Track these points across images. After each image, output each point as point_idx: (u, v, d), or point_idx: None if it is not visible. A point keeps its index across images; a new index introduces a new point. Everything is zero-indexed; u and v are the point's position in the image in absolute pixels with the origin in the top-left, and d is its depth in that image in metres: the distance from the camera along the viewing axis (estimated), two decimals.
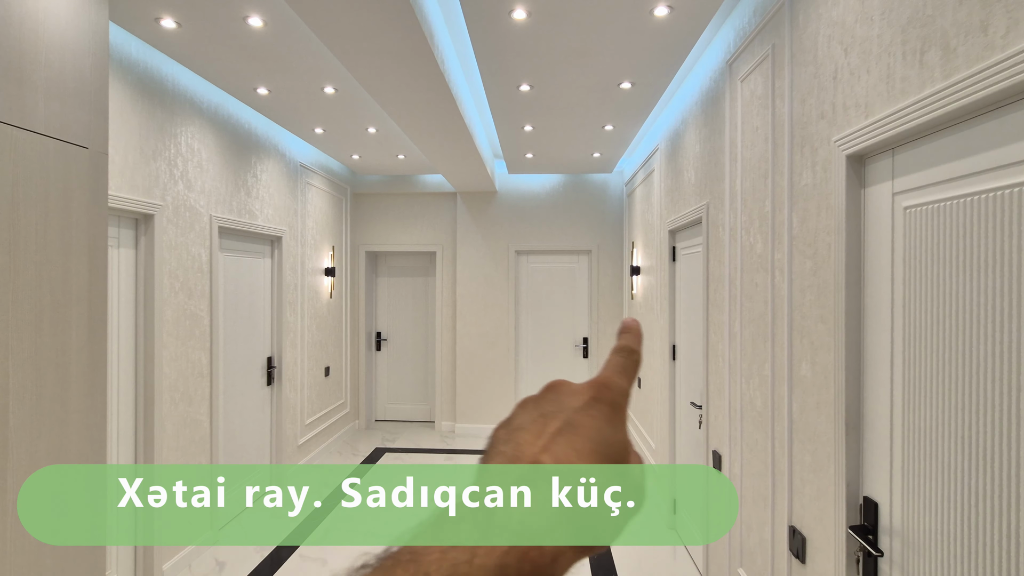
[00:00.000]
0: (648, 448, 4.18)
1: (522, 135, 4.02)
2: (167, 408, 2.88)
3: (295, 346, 4.38)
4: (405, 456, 4.94)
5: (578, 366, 5.66)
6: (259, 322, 3.93)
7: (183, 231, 3.01)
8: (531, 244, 5.65)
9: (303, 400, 4.52)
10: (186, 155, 3.03)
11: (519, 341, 5.72)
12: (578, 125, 3.78)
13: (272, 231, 3.96)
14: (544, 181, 5.62)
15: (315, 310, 4.78)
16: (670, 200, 3.49)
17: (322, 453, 4.90)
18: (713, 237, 2.63)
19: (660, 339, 3.74)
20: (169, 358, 2.89)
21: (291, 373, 4.31)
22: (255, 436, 3.88)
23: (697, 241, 2.99)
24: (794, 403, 1.79)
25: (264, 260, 4.00)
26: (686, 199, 3.11)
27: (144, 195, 2.71)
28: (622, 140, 4.18)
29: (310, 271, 4.67)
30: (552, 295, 5.69)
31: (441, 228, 5.80)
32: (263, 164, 3.86)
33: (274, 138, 4.00)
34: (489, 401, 5.67)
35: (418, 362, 6.06)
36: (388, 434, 5.64)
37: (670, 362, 3.51)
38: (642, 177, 4.43)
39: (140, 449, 2.76)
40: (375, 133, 4.04)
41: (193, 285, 3.10)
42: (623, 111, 3.48)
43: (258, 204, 3.81)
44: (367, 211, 5.84)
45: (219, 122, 3.33)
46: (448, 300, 5.79)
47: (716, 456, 2.56)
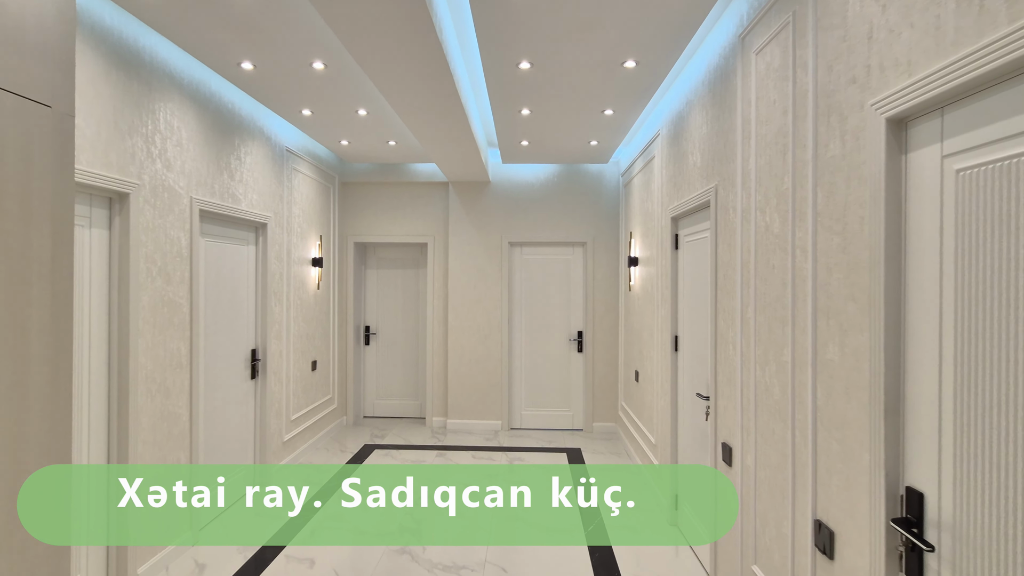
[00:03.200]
0: (647, 443, 4.08)
1: (519, 120, 3.89)
2: (143, 400, 2.70)
3: (280, 338, 4.20)
4: (395, 453, 4.78)
5: (573, 360, 5.55)
6: (243, 312, 3.75)
7: (161, 213, 2.83)
8: (525, 235, 5.52)
9: (289, 395, 4.35)
10: (164, 132, 2.85)
11: (512, 335, 5.59)
12: (577, 109, 3.66)
13: (257, 217, 3.78)
14: (539, 171, 5.49)
15: (302, 301, 4.60)
16: (672, 186, 3.38)
17: (308, 450, 4.72)
18: (722, 220, 2.52)
19: (661, 330, 3.63)
20: (145, 347, 2.72)
21: (276, 366, 4.13)
22: (238, 432, 3.70)
23: (703, 227, 2.88)
24: (819, 389, 1.68)
25: (248, 247, 3.82)
26: (691, 183, 3.00)
27: (119, 172, 2.53)
28: (621, 126, 4.07)
29: (296, 261, 4.49)
30: (546, 288, 5.57)
31: (433, 219, 5.64)
32: (247, 146, 3.68)
33: (259, 120, 3.82)
34: (482, 396, 5.54)
35: (408, 357, 5.90)
36: (377, 430, 5.48)
37: (672, 353, 3.40)
38: (640, 165, 4.32)
39: (113, 444, 2.58)
40: (366, 116, 3.88)
41: (172, 270, 2.92)
42: (625, 93, 3.36)
43: (242, 188, 3.63)
44: (356, 201, 5.66)
45: (201, 99, 3.15)
46: (440, 293, 5.64)
47: (726, 448, 2.45)
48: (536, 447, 4.99)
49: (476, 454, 4.77)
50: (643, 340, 4.23)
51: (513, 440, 5.21)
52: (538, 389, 5.58)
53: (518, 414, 5.59)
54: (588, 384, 5.47)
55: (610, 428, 5.47)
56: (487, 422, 5.53)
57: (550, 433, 5.44)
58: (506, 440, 5.20)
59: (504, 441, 5.17)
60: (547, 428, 5.57)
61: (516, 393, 5.59)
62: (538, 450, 4.91)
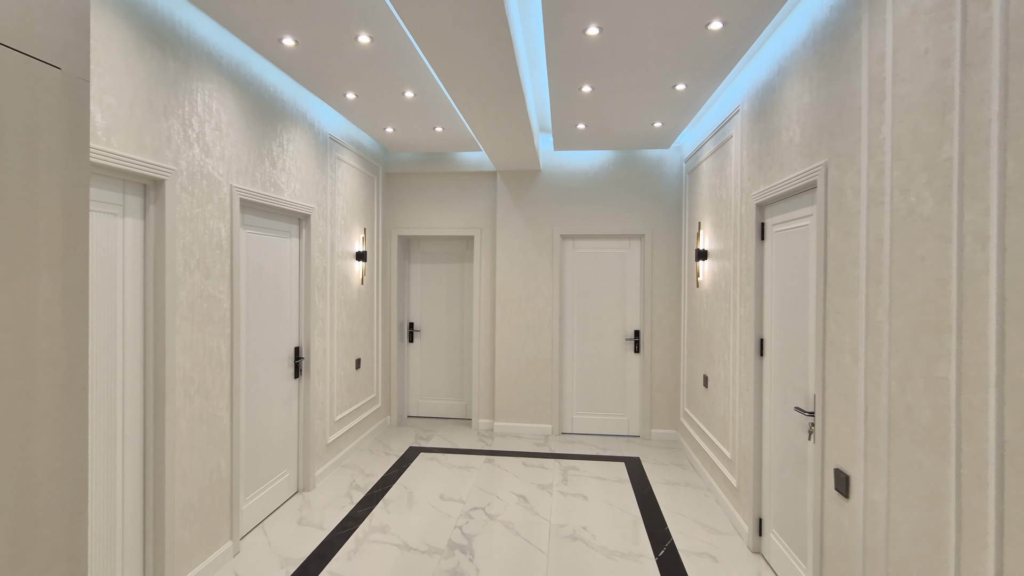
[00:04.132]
0: (719, 457, 3.68)
1: (578, 99, 3.54)
2: (180, 403, 2.52)
3: (324, 336, 4.01)
4: (442, 457, 4.54)
5: (629, 361, 5.17)
6: (285, 308, 3.56)
7: (199, 202, 2.63)
8: (578, 228, 5.16)
9: (332, 395, 4.16)
10: (203, 115, 2.65)
11: (564, 333, 5.25)
12: (645, 84, 3.28)
13: (299, 208, 3.58)
14: (593, 159, 5.13)
15: (345, 297, 4.40)
16: (757, 169, 2.97)
17: (352, 452, 4.54)
18: (835, 204, 2.11)
19: (741, 332, 3.23)
20: (183, 345, 2.53)
21: (320, 365, 3.94)
22: (281, 434, 3.52)
23: (803, 213, 2.47)
24: (1008, 418, 1.29)
25: (290, 240, 3.63)
26: (785, 164, 2.59)
27: (154, 157, 2.34)
28: (692, 104, 3.66)
29: (340, 254, 4.29)
30: (600, 283, 5.21)
31: (479, 210, 5.36)
32: (290, 133, 3.48)
33: (302, 105, 3.62)
34: (531, 398, 5.24)
35: (453, 355, 5.65)
36: (422, 431, 5.26)
37: (756, 359, 3.00)
38: (711, 148, 3.90)
39: (149, 450, 2.41)
40: (412, 99, 3.61)
41: (211, 264, 2.73)
42: (704, 62, 2.97)
43: (284, 177, 3.43)
44: (400, 192, 5.44)
45: (241, 81, 2.95)
46: (487, 288, 5.36)
47: (840, 476, 2.06)
48: (590, 455, 4.65)
49: (527, 461, 4.47)
50: (714, 342, 3.82)
51: (565, 446, 4.88)
52: (591, 392, 5.23)
53: (569, 418, 5.27)
54: (646, 387, 5.08)
55: (670, 436, 5.07)
56: (536, 426, 5.23)
57: (604, 439, 5.09)
58: (557, 446, 4.89)
59: (555, 447, 4.85)
60: (600, 434, 5.22)
61: (567, 396, 5.26)
62: (593, 458, 4.57)
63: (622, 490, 3.88)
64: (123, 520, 2.29)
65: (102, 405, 2.17)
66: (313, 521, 3.33)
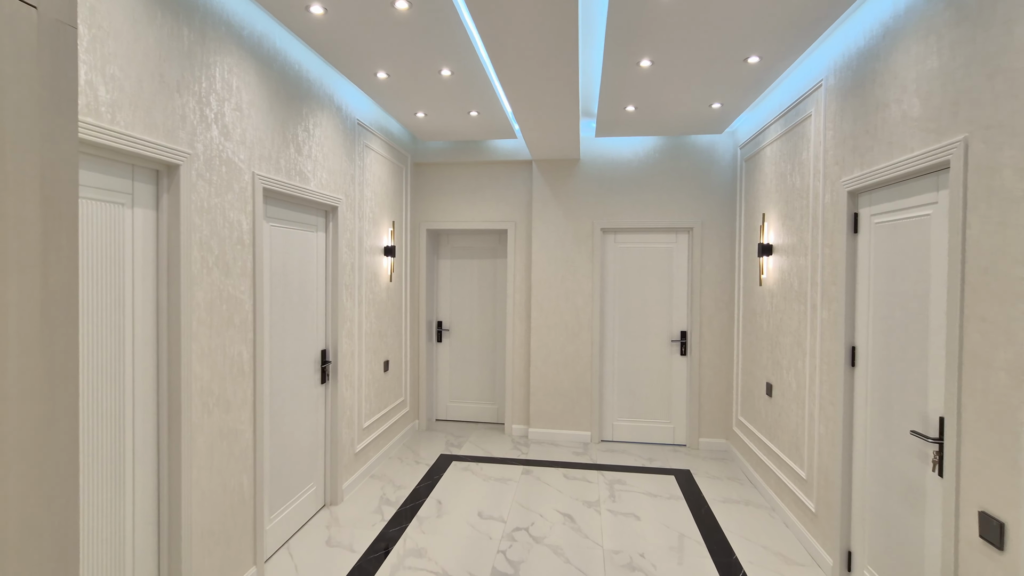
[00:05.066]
0: (789, 475, 3.30)
1: (633, 75, 3.17)
2: (198, 416, 2.24)
3: (352, 337, 3.71)
4: (475, 467, 4.23)
5: (675, 365, 4.80)
6: (312, 308, 3.27)
7: (219, 190, 2.34)
8: (620, 221, 4.79)
9: (361, 400, 3.87)
10: (222, 93, 2.35)
11: (604, 334, 4.90)
12: (714, 56, 2.90)
13: (327, 199, 3.28)
14: (637, 146, 4.74)
15: (374, 295, 4.11)
16: (849, 151, 2.58)
17: (381, 460, 4.25)
18: (982, 188, 1.72)
19: (823, 337, 2.84)
20: (201, 352, 2.24)
21: (348, 368, 3.65)
22: (307, 445, 3.24)
23: (921, 200, 2.08)
24: None
25: (317, 234, 3.33)
26: (895, 143, 2.20)
27: (166, 138, 2.04)
28: (762, 80, 3.26)
29: (368, 250, 3.99)
30: (644, 281, 4.83)
31: (514, 203, 5.02)
32: (316, 117, 3.18)
33: (328, 86, 3.31)
34: (569, 403, 4.90)
35: (485, 356, 5.34)
36: (452, 437, 4.96)
37: (845, 369, 2.61)
38: (778, 131, 3.50)
39: (164, 471, 2.13)
40: (449, 78, 3.28)
41: (231, 260, 2.43)
42: (788, 29, 2.58)
43: (310, 165, 3.13)
44: (429, 184, 5.12)
45: (263, 57, 2.65)
46: (522, 286, 5.02)
47: (988, 522, 1.68)
48: (636, 466, 4.30)
49: (568, 473, 4.14)
50: (781, 347, 3.43)
51: (606, 456, 4.54)
52: (633, 397, 4.87)
53: (609, 425, 4.91)
54: (693, 393, 4.71)
55: (720, 446, 4.69)
56: (575, 432, 4.89)
57: (648, 448, 4.73)
58: (598, 455, 4.54)
59: (596, 456, 4.51)
60: (643, 442, 4.86)
61: (607, 401, 4.91)
62: (639, 470, 4.22)
63: (677, 508, 3.53)
64: (134, 555, 2.01)
65: (108, 423, 1.89)
66: (342, 541, 3.04)
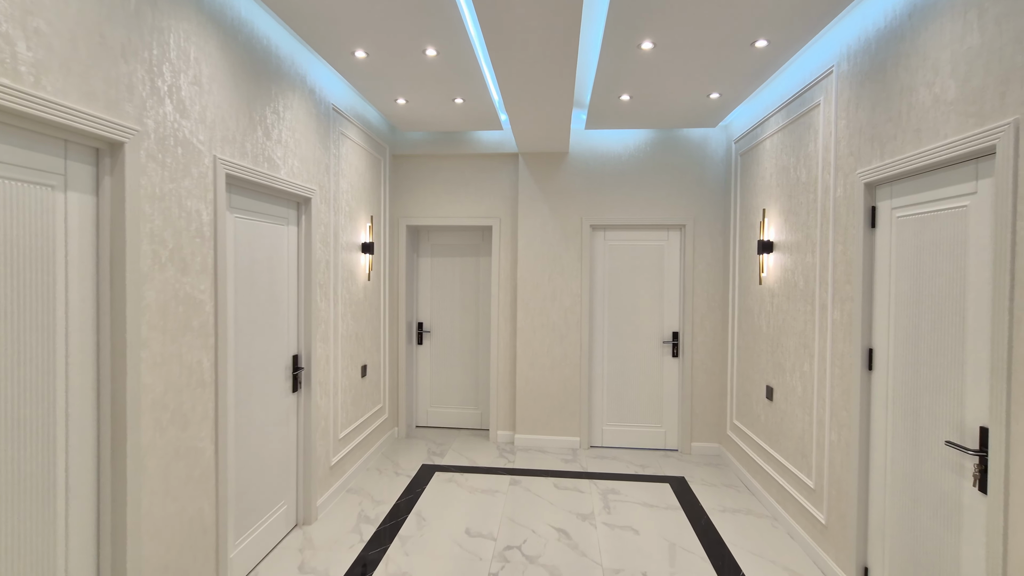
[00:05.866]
0: (794, 484, 3.14)
1: (633, 59, 2.97)
2: (149, 435, 1.93)
3: (328, 340, 3.42)
4: (460, 478, 3.97)
5: (667, 367, 4.63)
6: (282, 309, 2.97)
7: (174, 175, 2.03)
8: (609, 217, 4.60)
9: (337, 408, 3.58)
10: (177, 63, 2.05)
11: (594, 335, 4.70)
12: (720, 39, 2.72)
13: (299, 189, 2.98)
14: (627, 139, 4.56)
15: (351, 295, 3.81)
16: (866, 141, 2.42)
17: (358, 473, 3.96)
18: None
19: (834, 339, 2.68)
20: (152, 362, 1.94)
21: (323, 375, 3.35)
22: (277, 461, 2.93)
23: (956, 191, 1.92)
24: None
25: (288, 228, 3.03)
26: (924, 129, 2.04)
27: (108, 110, 1.74)
28: (767, 67, 3.10)
29: (345, 246, 3.70)
30: (635, 279, 4.65)
31: (499, 198, 4.78)
32: (286, 99, 2.88)
33: (300, 65, 3.01)
34: (557, 408, 4.68)
35: (467, 359, 5.08)
36: (434, 445, 4.69)
37: (862, 373, 2.46)
38: (779, 123, 3.34)
39: (106, 500, 1.82)
40: (434, 58, 3.02)
41: (189, 255, 2.13)
42: (802, 9, 2.41)
43: (280, 151, 2.83)
44: (409, 177, 4.84)
45: (226, 27, 2.34)
46: (507, 285, 4.79)
47: None
48: (629, 474, 4.11)
49: (558, 482, 3.92)
50: (784, 349, 3.28)
51: (597, 463, 4.34)
52: (623, 400, 4.68)
53: (599, 430, 4.72)
54: (685, 396, 4.55)
55: (713, 450, 4.54)
56: (563, 438, 4.67)
57: (639, 454, 4.55)
58: (588, 462, 4.34)
59: (587, 464, 4.31)
60: (634, 447, 4.68)
61: (596, 405, 4.71)
62: (632, 478, 4.03)
63: (675, 520, 3.34)
64: None
65: (33, 449, 1.58)
66: (317, 567, 2.75)
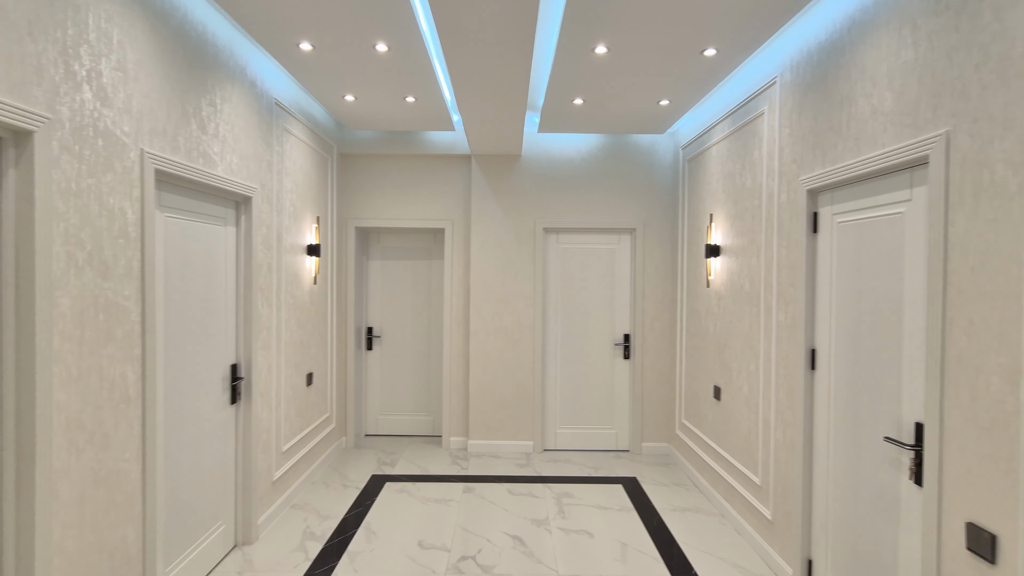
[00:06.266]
0: (741, 481, 3.23)
1: (587, 63, 2.97)
2: (63, 459, 1.74)
3: (270, 348, 3.23)
4: (412, 488, 3.85)
5: (618, 369, 4.68)
6: (219, 316, 2.77)
7: (93, 169, 1.85)
8: (562, 220, 4.61)
9: (280, 420, 3.38)
10: (97, 46, 1.86)
11: (547, 339, 4.69)
12: (672, 46, 2.76)
13: (239, 187, 2.80)
14: (580, 143, 4.59)
15: (295, 300, 3.63)
16: (809, 149, 2.52)
17: (304, 487, 3.77)
18: (965, 184, 1.65)
19: (779, 340, 2.77)
20: (67, 376, 1.74)
21: (264, 385, 3.16)
22: (214, 479, 2.73)
23: (893, 198, 2.02)
24: None
25: (227, 228, 2.84)
26: (864, 138, 2.13)
27: (11, 94, 1.55)
28: (714, 75, 3.18)
29: (289, 248, 3.51)
30: (587, 283, 4.68)
31: (451, 200, 4.69)
32: (225, 90, 2.70)
33: (240, 55, 2.83)
34: (511, 412, 4.64)
35: (419, 364, 4.96)
36: (385, 454, 4.54)
37: (805, 372, 2.55)
38: (725, 131, 3.44)
39: (8, 534, 1.61)
40: (385, 54, 2.91)
41: (112, 258, 1.94)
42: (751, 20, 2.48)
43: (218, 146, 2.64)
44: (357, 177, 4.68)
45: (155, 10, 2.16)
46: (460, 288, 4.71)
47: (980, 534, 1.60)
48: (582, 476, 4.12)
49: (512, 488, 3.87)
50: (731, 350, 3.37)
51: (550, 466, 4.32)
52: (576, 403, 4.70)
53: (552, 433, 4.71)
54: (636, 397, 4.61)
55: (663, 450, 4.62)
56: (516, 443, 4.63)
57: (591, 456, 4.57)
58: (542, 466, 4.32)
59: (540, 468, 4.28)
60: (586, 449, 4.70)
61: (550, 408, 4.70)
62: (586, 480, 4.03)
63: (629, 521, 3.36)
64: None
65: None
66: None
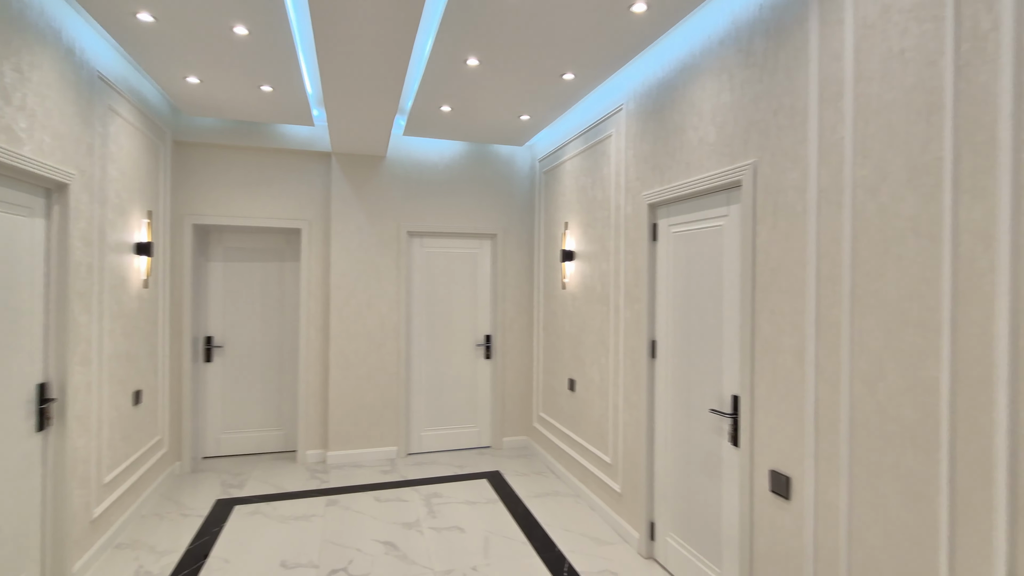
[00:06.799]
0: (594, 462, 3.58)
1: (458, 73, 3.08)
2: None
3: (89, 363, 2.75)
4: (267, 508, 3.56)
5: (480, 368, 4.85)
6: (23, 326, 2.30)
7: None
8: (427, 224, 4.65)
9: (101, 447, 2.90)
10: None
11: (411, 341, 4.68)
12: (536, 66, 2.99)
13: (52, 172, 2.36)
14: (444, 149, 4.67)
15: (121, 306, 3.14)
16: (650, 169, 2.92)
17: (131, 521, 3.26)
18: (767, 204, 2.10)
19: (626, 335, 3.15)
20: None
21: (82, 407, 2.69)
22: (13, 521, 2.26)
23: (715, 213, 2.45)
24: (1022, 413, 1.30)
25: (33, 221, 2.38)
26: (693, 164, 2.56)
27: None
28: (570, 97, 3.51)
29: (114, 246, 3.03)
30: (451, 286, 4.78)
31: (309, 199, 4.44)
32: (34, 55, 2.26)
33: (55, 17, 2.40)
34: (374, 419, 4.53)
35: (270, 375, 4.59)
36: (230, 476, 4.11)
37: (647, 361, 2.94)
38: (578, 148, 3.82)
39: None
40: (244, 37, 2.69)
41: None
42: (605, 51, 2.81)
43: (24, 120, 2.21)
44: (196, 168, 4.19)
45: None
46: (318, 292, 4.47)
47: (779, 478, 2.03)
48: (449, 475, 4.19)
49: (379, 495, 3.80)
50: (585, 345, 3.73)
51: (416, 469, 4.32)
52: (440, 405, 4.76)
53: (417, 436, 4.70)
54: (497, 395, 4.82)
55: (522, 442, 4.89)
56: (380, 449, 4.54)
57: (455, 455, 4.66)
58: (408, 470, 4.29)
59: (406, 472, 4.26)
60: (451, 449, 4.78)
61: (415, 411, 4.69)
62: (452, 479, 4.11)
63: (496, 512, 3.52)
64: None
65: None
66: None
